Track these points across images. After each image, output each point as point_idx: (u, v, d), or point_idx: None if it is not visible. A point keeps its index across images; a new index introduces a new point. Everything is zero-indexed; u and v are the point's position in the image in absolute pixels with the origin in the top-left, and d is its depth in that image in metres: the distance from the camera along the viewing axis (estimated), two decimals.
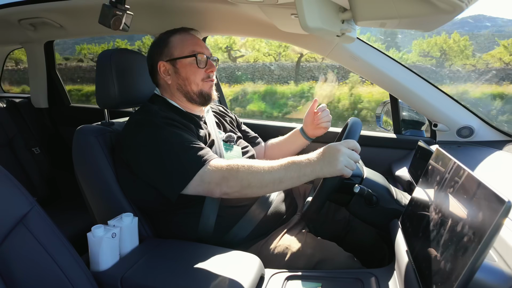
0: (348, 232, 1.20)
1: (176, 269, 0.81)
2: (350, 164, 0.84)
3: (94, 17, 1.03)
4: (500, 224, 0.45)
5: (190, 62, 1.05)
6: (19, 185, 0.70)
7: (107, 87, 1.06)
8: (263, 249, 1.00)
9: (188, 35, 1.10)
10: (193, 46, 1.07)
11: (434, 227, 0.61)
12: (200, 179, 0.88)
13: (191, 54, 1.05)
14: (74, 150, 1.02)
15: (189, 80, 1.06)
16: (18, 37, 1.94)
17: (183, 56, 1.05)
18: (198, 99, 1.08)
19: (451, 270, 0.50)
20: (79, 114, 2.13)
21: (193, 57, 1.05)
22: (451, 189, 0.61)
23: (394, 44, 13.00)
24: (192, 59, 1.05)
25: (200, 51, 1.06)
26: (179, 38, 1.08)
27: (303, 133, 1.27)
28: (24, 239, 0.67)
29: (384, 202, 0.93)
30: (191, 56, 1.05)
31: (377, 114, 1.60)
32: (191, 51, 1.05)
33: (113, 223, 0.88)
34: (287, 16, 1.09)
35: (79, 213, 1.53)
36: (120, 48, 1.14)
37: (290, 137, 1.32)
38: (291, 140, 1.31)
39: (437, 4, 0.65)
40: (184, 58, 1.05)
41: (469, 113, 1.32)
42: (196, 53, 1.05)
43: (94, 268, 0.82)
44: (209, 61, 1.08)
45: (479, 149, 1.23)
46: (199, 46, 1.08)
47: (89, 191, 1.02)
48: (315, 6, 0.77)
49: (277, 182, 0.86)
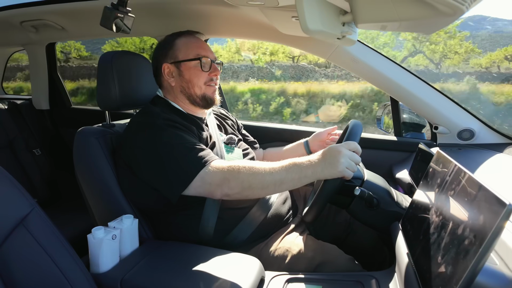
0: (349, 234, 1.19)
1: (176, 271, 0.81)
2: (351, 166, 0.84)
3: (95, 19, 1.04)
4: (501, 227, 0.44)
5: (194, 65, 1.06)
6: (19, 187, 0.70)
7: (108, 88, 1.07)
8: (264, 251, 0.99)
9: (193, 38, 1.11)
10: (198, 49, 1.07)
11: (435, 230, 0.61)
12: (201, 180, 0.88)
13: (195, 57, 1.06)
14: (75, 151, 1.03)
15: (192, 83, 1.06)
16: (20, 39, 1.94)
17: (188, 59, 1.06)
18: (201, 102, 1.08)
19: (452, 273, 0.50)
20: (80, 116, 2.13)
21: (198, 60, 1.05)
22: (452, 192, 0.60)
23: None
24: (196, 62, 1.05)
25: (204, 54, 1.07)
26: (184, 41, 1.09)
27: (306, 146, 1.28)
28: (24, 240, 0.67)
29: (384, 204, 0.93)
30: (195, 59, 1.05)
31: (378, 116, 1.60)
32: (196, 54, 1.06)
33: (114, 224, 0.87)
34: (288, 19, 1.10)
35: (80, 215, 1.53)
36: (121, 50, 1.14)
37: (292, 147, 1.32)
38: (292, 149, 1.31)
39: (438, 7, 0.65)
40: (188, 61, 1.06)
41: (470, 116, 1.32)
42: (200, 56, 1.05)
43: (94, 270, 0.82)
44: (213, 65, 1.08)
45: (480, 152, 1.23)
46: (204, 49, 1.08)
47: (90, 193, 1.02)
48: (315, 9, 0.78)
49: (278, 184, 0.86)
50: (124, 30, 1.04)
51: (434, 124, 1.37)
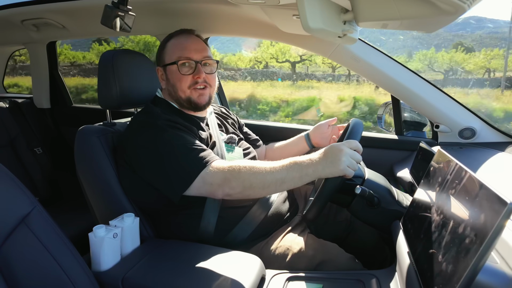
0: (350, 233, 1.19)
1: (177, 270, 0.81)
2: (352, 165, 0.84)
3: (96, 18, 1.04)
4: (502, 225, 0.44)
5: (176, 69, 1.04)
6: (21, 185, 0.71)
7: (109, 87, 1.07)
8: (264, 250, 0.99)
9: (182, 39, 1.07)
10: (180, 51, 1.03)
11: (436, 229, 0.61)
12: (202, 181, 0.88)
13: (175, 60, 1.03)
14: (76, 150, 1.03)
15: (175, 87, 1.05)
16: (21, 38, 1.95)
17: (170, 63, 1.04)
18: (188, 106, 1.06)
19: (453, 272, 0.50)
20: (81, 115, 2.14)
21: (175, 64, 1.02)
22: (453, 191, 0.60)
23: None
24: (176, 66, 1.03)
25: (187, 56, 1.03)
26: (172, 43, 1.07)
27: (307, 139, 1.27)
28: (25, 239, 0.67)
29: (385, 203, 0.93)
30: (174, 63, 1.03)
31: (379, 115, 1.60)
32: (177, 57, 1.03)
33: (115, 223, 0.88)
34: (288, 17, 1.09)
35: (81, 213, 1.53)
36: (122, 49, 1.14)
37: (293, 140, 1.32)
38: (293, 143, 1.31)
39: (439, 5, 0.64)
40: (170, 64, 1.04)
41: (471, 115, 1.32)
42: (180, 59, 1.02)
43: (96, 268, 0.83)
44: (198, 66, 1.04)
45: (481, 151, 1.23)
46: (188, 50, 1.04)
47: (91, 191, 1.03)
48: (316, 7, 0.77)
49: (279, 183, 0.86)
50: (124, 28, 1.04)
51: (435, 123, 1.36)
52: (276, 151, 1.34)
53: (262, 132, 1.46)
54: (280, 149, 1.34)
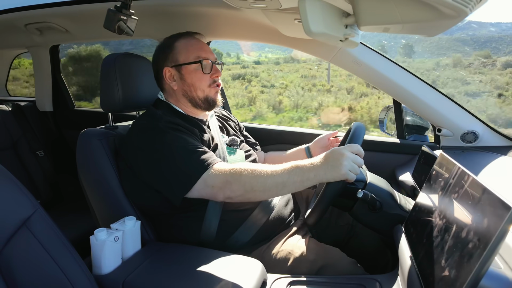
0: (351, 237, 1.19)
1: (178, 273, 0.81)
2: (353, 169, 0.84)
3: (99, 22, 1.04)
4: (505, 230, 0.44)
5: (195, 68, 1.05)
6: (22, 188, 0.71)
7: (111, 91, 1.07)
8: (266, 254, 0.99)
9: (193, 40, 1.09)
10: (198, 51, 1.06)
11: (439, 233, 0.61)
12: (204, 183, 0.88)
13: (196, 60, 1.05)
14: (78, 153, 1.03)
15: (194, 86, 1.06)
16: (24, 41, 1.96)
17: (189, 62, 1.05)
18: (203, 104, 1.08)
19: (456, 276, 0.50)
20: (83, 118, 2.14)
21: (199, 63, 1.04)
22: (456, 195, 0.60)
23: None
24: (197, 65, 1.05)
25: (205, 56, 1.06)
26: (183, 43, 1.08)
27: (307, 152, 1.26)
28: (27, 241, 0.67)
29: (387, 207, 0.93)
30: (196, 62, 1.05)
31: (381, 119, 1.59)
32: (196, 56, 1.05)
33: (116, 226, 0.88)
34: (290, 21, 1.10)
35: (82, 216, 1.53)
36: (124, 52, 1.14)
37: (293, 152, 1.31)
38: (293, 155, 1.30)
39: (441, 9, 0.65)
40: (189, 64, 1.05)
41: (474, 118, 1.32)
42: (201, 59, 1.05)
43: (97, 272, 0.82)
44: (214, 66, 1.08)
45: (484, 155, 1.22)
46: (204, 51, 1.07)
47: (92, 194, 1.03)
48: (318, 11, 0.78)
49: (280, 186, 0.85)
50: (127, 32, 1.04)
51: (437, 127, 1.36)
52: (276, 160, 1.33)
53: (262, 135, 1.46)
54: (279, 159, 1.33)
